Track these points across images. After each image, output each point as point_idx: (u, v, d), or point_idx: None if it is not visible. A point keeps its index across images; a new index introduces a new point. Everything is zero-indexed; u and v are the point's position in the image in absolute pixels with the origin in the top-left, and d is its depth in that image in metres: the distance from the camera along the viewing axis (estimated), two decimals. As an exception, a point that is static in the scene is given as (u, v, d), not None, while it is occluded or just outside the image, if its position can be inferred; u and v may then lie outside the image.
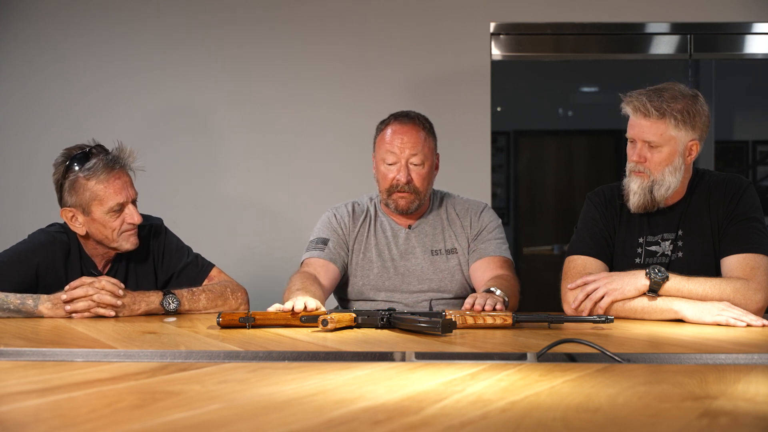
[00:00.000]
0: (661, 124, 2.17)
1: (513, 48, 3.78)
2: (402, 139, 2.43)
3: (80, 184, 2.24)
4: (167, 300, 2.24)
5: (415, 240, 2.53)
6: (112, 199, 2.25)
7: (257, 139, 3.67)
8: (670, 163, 2.20)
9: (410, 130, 2.44)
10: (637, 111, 2.19)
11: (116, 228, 2.28)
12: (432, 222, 2.55)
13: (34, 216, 2.45)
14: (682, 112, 2.17)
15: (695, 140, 2.20)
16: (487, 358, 1.47)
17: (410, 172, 2.43)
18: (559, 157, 5.74)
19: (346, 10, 3.67)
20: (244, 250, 3.64)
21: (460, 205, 2.58)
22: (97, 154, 2.26)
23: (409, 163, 2.43)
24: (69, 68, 3.65)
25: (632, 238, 2.30)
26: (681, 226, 2.26)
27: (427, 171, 2.46)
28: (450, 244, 2.52)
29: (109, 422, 0.93)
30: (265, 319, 1.93)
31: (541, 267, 5.23)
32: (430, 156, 2.46)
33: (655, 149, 2.19)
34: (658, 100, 2.17)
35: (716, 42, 3.82)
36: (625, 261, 2.29)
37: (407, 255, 2.51)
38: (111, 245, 2.31)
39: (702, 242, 2.24)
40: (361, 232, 2.54)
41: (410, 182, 2.43)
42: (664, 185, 2.21)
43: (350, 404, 1.01)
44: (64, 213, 2.28)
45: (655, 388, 1.11)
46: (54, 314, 2.16)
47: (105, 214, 2.25)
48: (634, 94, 2.21)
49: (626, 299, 2.09)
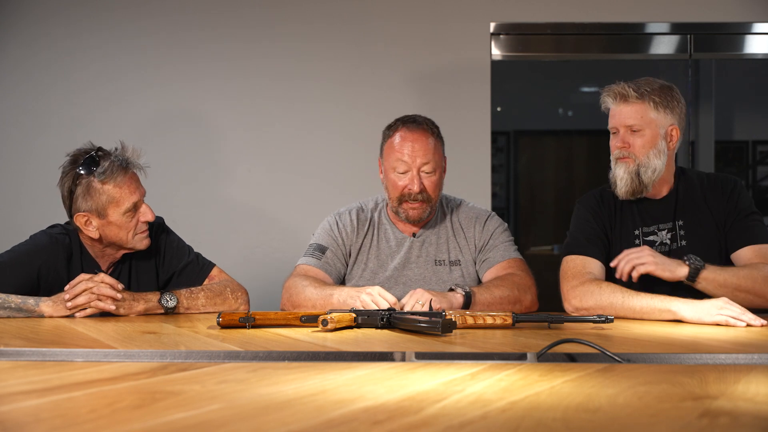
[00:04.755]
0: (641, 106, 2.25)
1: (513, 48, 3.78)
2: (413, 147, 2.37)
3: (95, 188, 2.23)
4: (165, 297, 2.24)
5: (419, 249, 2.49)
6: (128, 200, 2.25)
7: (258, 139, 3.67)
8: (653, 146, 2.26)
9: (420, 137, 2.38)
10: (616, 96, 2.27)
11: (131, 228, 2.28)
12: (437, 231, 2.51)
13: (33, 216, 2.45)
14: (660, 95, 2.25)
15: (674, 125, 2.28)
16: (487, 358, 1.47)
17: (422, 180, 2.38)
18: (559, 157, 5.74)
19: (347, 9, 3.67)
20: (244, 250, 3.64)
21: (465, 215, 2.53)
22: (105, 157, 2.25)
23: (420, 171, 2.38)
24: (69, 68, 3.65)
25: (628, 230, 2.34)
26: (678, 216, 2.32)
27: (439, 178, 2.42)
28: (454, 256, 2.48)
29: (109, 422, 0.93)
30: (265, 319, 1.93)
31: (541, 267, 5.23)
32: (441, 162, 2.43)
33: (637, 133, 2.27)
34: (635, 85, 2.26)
35: (716, 42, 3.82)
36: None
37: (410, 264, 2.47)
38: (125, 246, 2.31)
39: (704, 232, 2.29)
40: (364, 242, 2.50)
41: (423, 191, 2.39)
42: (650, 167, 2.26)
43: (350, 404, 1.01)
44: (77, 219, 2.26)
45: (655, 388, 1.11)
46: (55, 313, 2.16)
47: (121, 215, 2.25)
48: (611, 85, 2.30)
49: (657, 276, 2.12)
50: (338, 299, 2.19)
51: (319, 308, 2.22)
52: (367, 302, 2.09)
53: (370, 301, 2.09)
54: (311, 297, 2.26)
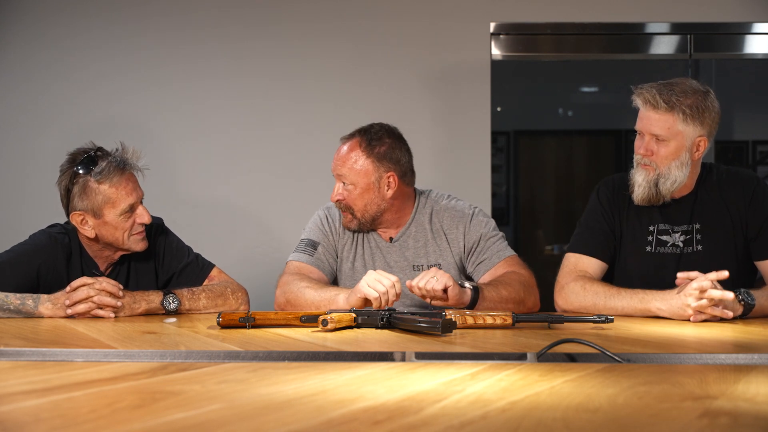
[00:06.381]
0: (669, 117, 2.17)
1: (513, 48, 3.78)
2: (337, 155, 2.42)
3: (91, 188, 2.23)
4: (167, 300, 2.24)
5: (396, 254, 2.46)
6: (124, 201, 2.25)
7: (258, 139, 3.67)
8: (676, 158, 2.19)
9: (343, 147, 2.42)
10: (646, 103, 2.19)
11: (127, 229, 2.28)
12: (414, 235, 2.47)
13: (34, 216, 2.45)
14: (691, 107, 2.16)
15: (703, 136, 2.20)
16: (487, 358, 1.47)
17: (340, 190, 2.40)
18: (559, 157, 5.74)
19: (346, 9, 3.67)
20: (244, 250, 3.64)
21: (448, 218, 2.46)
22: (103, 157, 2.25)
23: (340, 181, 2.41)
24: (69, 68, 3.65)
25: (643, 226, 2.30)
26: (696, 219, 2.27)
27: (359, 191, 2.38)
28: (434, 260, 2.44)
29: (109, 422, 0.93)
30: (265, 319, 1.93)
31: (541, 267, 5.23)
32: (361, 177, 2.38)
33: (662, 143, 2.19)
34: (668, 93, 2.17)
35: (716, 42, 3.82)
36: (636, 248, 2.30)
37: (389, 268, 2.42)
38: (121, 247, 2.31)
39: (721, 236, 2.25)
40: (349, 240, 2.49)
41: (340, 201, 2.41)
42: (670, 179, 2.21)
43: (350, 404, 1.01)
44: (73, 217, 2.27)
45: (655, 388, 1.11)
46: (54, 314, 2.15)
47: (117, 216, 2.25)
48: (645, 86, 2.22)
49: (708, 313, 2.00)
50: (343, 300, 2.17)
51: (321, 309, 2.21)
52: (369, 292, 2.06)
53: (374, 281, 2.06)
54: (312, 299, 2.24)
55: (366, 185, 2.39)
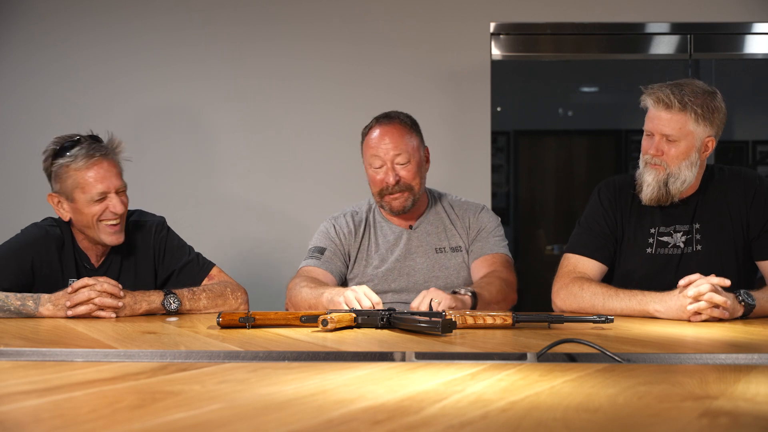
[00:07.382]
0: (682, 117, 2.17)
1: (513, 48, 3.78)
2: (384, 141, 2.45)
3: (63, 171, 2.27)
4: (168, 300, 2.24)
5: (417, 240, 2.54)
6: (93, 187, 2.26)
7: (257, 139, 3.67)
8: (686, 158, 2.19)
9: (390, 131, 2.45)
10: (659, 102, 2.18)
11: (96, 214, 2.27)
12: (433, 221, 2.56)
13: (34, 216, 2.44)
14: (702, 107, 2.17)
15: (711, 137, 2.21)
16: (487, 358, 1.47)
17: (398, 172, 2.44)
18: (559, 157, 5.73)
19: (346, 9, 3.67)
20: (244, 250, 3.64)
21: (458, 206, 2.59)
22: (81, 143, 2.27)
23: (394, 163, 2.44)
24: (68, 67, 3.65)
25: (644, 227, 2.30)
26: (697, 219, 2.27)
27: (415, 167, 2.47)
28: (454, 242, 2.53)
29: (109, 422, 0.93)
30: (265, 319, 1.93)
31: (541, 267, 5.23)
32: (415, 152, 2.48)
33: (672, 143, 2.19)
34: (680, 93, 2.17)
35: (716, 42, 3.82)
36: (636, 250, 2.30)
37: (411, 255, 2.52)
38: (93, 236, 2.31)
39: (722, 237, 2.25)
40: (363, 243, 2.54)
41: (399, 181, 2.44)
42: (680, 179, 2.20)
43: (350, 404, 1.01)
44: (50, 199, 2.32)
45: (655, 388, 1.11)
46: (55, 315, 2.16)
47: (88, 201, 2.26)
48: (655, 86, 2.21)
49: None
50: (327, 298, 2.20)
51: (312, 308, 2.23)
52: (350, 299, 2.08)
53: (353, 298, 2.08)
54: (306, 297, 2.29)
55: (419, 160, 2.49)
